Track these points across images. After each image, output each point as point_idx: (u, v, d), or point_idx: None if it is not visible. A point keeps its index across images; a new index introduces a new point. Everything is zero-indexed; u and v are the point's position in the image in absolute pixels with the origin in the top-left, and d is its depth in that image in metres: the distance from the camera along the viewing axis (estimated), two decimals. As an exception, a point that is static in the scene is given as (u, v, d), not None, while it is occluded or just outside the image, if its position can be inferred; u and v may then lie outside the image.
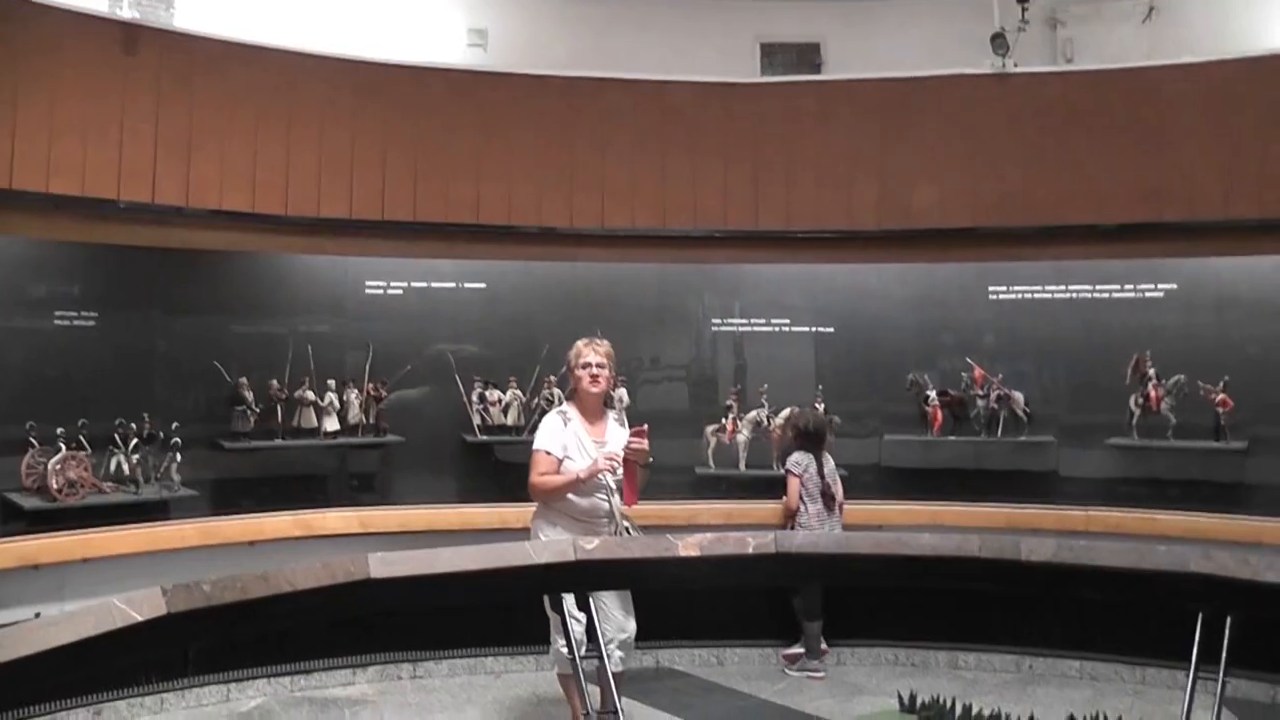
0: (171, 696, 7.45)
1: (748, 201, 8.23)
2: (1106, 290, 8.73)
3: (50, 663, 3.03)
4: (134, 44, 7.00)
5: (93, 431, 7.47)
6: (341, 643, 7.97)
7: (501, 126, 8.05)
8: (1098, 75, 8.16)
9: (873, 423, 9.09)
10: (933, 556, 4.21)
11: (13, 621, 3.58)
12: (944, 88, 8.23)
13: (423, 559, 3.84)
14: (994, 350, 8.94)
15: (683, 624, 8.35)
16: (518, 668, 8.26)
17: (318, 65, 7.68)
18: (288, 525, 7.95)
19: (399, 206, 7.81)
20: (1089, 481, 8.71)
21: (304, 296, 8.62)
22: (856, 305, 9.19)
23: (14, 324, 7.46)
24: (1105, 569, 4.04)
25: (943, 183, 8.16)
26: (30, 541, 7.11)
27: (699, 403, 9.20)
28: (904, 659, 8.47)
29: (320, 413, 8.27)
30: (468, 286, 8.88)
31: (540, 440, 6.37)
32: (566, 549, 4.14)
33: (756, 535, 4.28)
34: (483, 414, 8.63)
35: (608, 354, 6.53)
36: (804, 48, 9.98)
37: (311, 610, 3.89)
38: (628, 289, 9.07)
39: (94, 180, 6.84)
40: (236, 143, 7.36)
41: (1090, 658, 8.14)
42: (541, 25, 9.65)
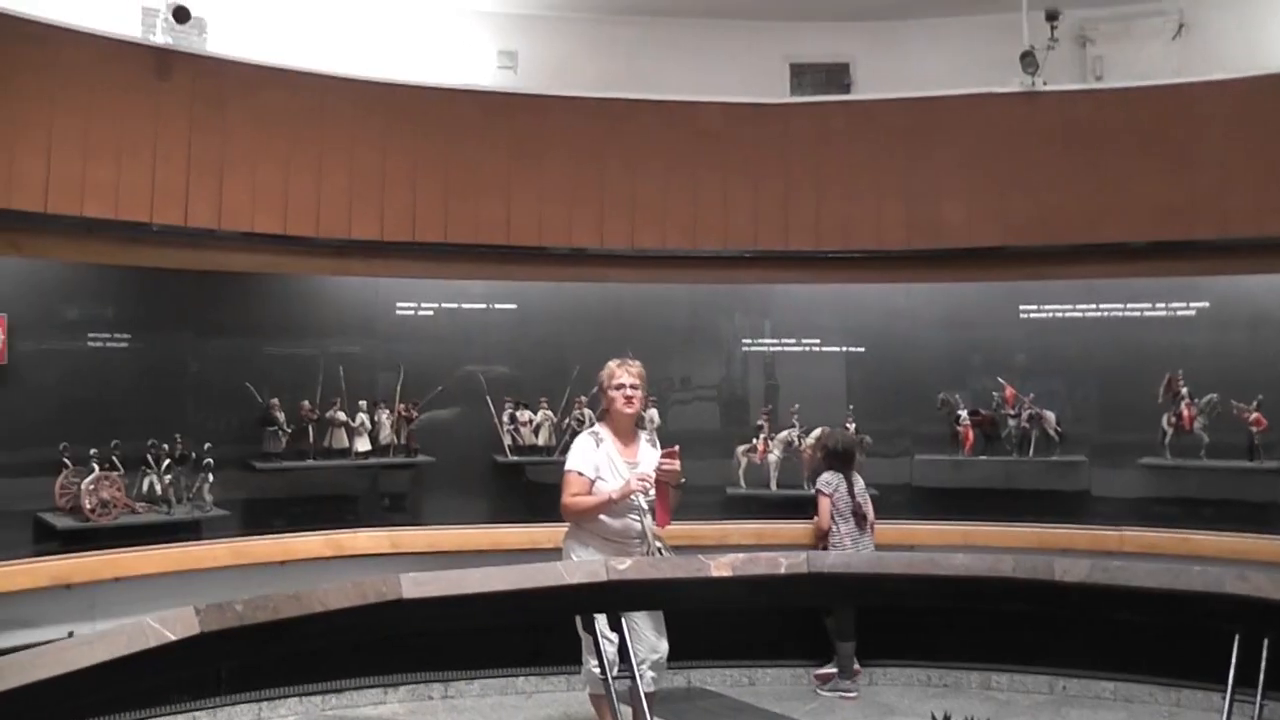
0: (203, 715, 7.48)
1: (778, 221, 8.21)
2: (1138, 309, 8.70)
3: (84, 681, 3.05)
4: (167, 69, 7.05)
5: (125, 452, 7.52)
6: (373, 662, 7.99)
7: (532, 148, 8.06)
8: (1128, 93, 8.12)
9: (904, 442, 9.06)
10: (966, 577, 4.19)
11: (46, 640, 3.60)
12: (973, 106, 8.21)
13: (454, 579, 3.84)
14: (1025, 369, 8.91)
15: (714, 644, 8.34)
16: (549, 688, 8.25)
17: (349, 88, 7.71)
18: (318, 545, 7.97)
19: (430, 228, 7.83)
20: (1122, 501, 8.67)
21: (335, 318, 8.66)
22: (887, 325, 9.17)
23: (48, 346, 7.50)
24: (1140, 590, 4.02)
25: (972, 201, 8.13)
26: (63, 561, 7.15)
27: (730, 423, 9.20)
28: (936, 679, 8.44)
29: (351, 433, 8.30)
30: (498, 307, 8.91)
31: (573, 461, 6.37)
32: (599, 569, 4.14)
33: (789, 555, 4.27)
34: (513, 434, 8.64)
35: (640, 375, 6.53)
36: (833, 68, 9.98)
37: (343, 630, 3.90)
38: (658, 309, 9.07)
39: (127, 203, 6.87)
40: (268, 165, 7.39)
41: (1124, 679, 8.08)
42: (571, 47, 9.67)
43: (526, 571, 4.04)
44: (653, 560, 5.75)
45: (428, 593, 3.72)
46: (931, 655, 8.46)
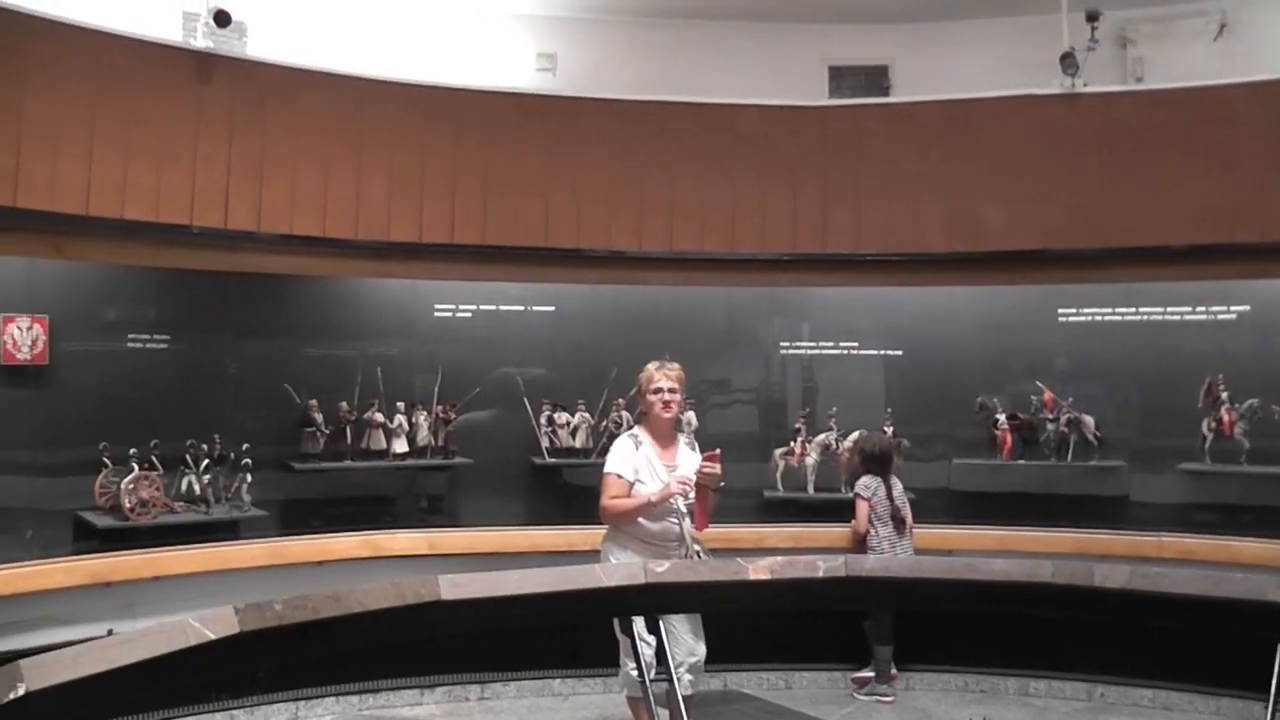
0: (241, 714, 7.52)
1: (816, 224, 8.19)
2: (1178, 312, 8.64)
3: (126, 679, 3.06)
4: (207, 73, 7.09)
5: (164, 452, 7.58)
6: (409, 663, 8.02)
7: (570, 150, 8.06)
8: (1168, 94, 8.05)
9: (941, 446, 9.03)
10: (1005, 582, 4.17)
11: (85, 638, 3.62)
12: (1013, 108, 8.16)
13: (492, 581, 3.84)
14: (1064, 373, 8.87)
15: (750, 647, 8.33)
16: (585, 690, 8.26)
17: (388, 90, 7.73)
18: (356, 546, 7.99)
19: (468, 230, 7.84)
20: (1161, 507, 8.60)
21: (373, 319, 8.70)
22: (925, 328, 9.14)
23: (89, 346, 7.56)
24: (1180, 597, 3.99)
25: (1011, 204, 8.08)
26: (103, 560, 7.22)
27: (767, 426, 9.19)
28: (973, 685, 8.40)
29: (389, 434, 8.33)
30: (536, 309, 8.92)
31: (612, 463, 6.37)
32: (636, 572, 4.13)
33: (827, 559, 4.26)
34: (551, 436, 8.66)
35: (679, 378, 6.53)
36: (872, 70, 9.95)
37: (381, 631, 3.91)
38: (696, 312, 9.07)
39: (168, 206, 6.91)
40: (307, 168, 7.42)
41: (1164, 687, 8.03)
42: (610, 49, 9.67)
43: (564, 573, 4.04)
44: (691, 563, 5.74)
45: (466, 594, 3.72)
46: (969, 660, 8.43)
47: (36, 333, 7.10)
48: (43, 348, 7.12)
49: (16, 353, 7.02)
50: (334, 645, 4.36)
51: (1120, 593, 4.04)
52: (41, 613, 6.92)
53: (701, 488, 6.26)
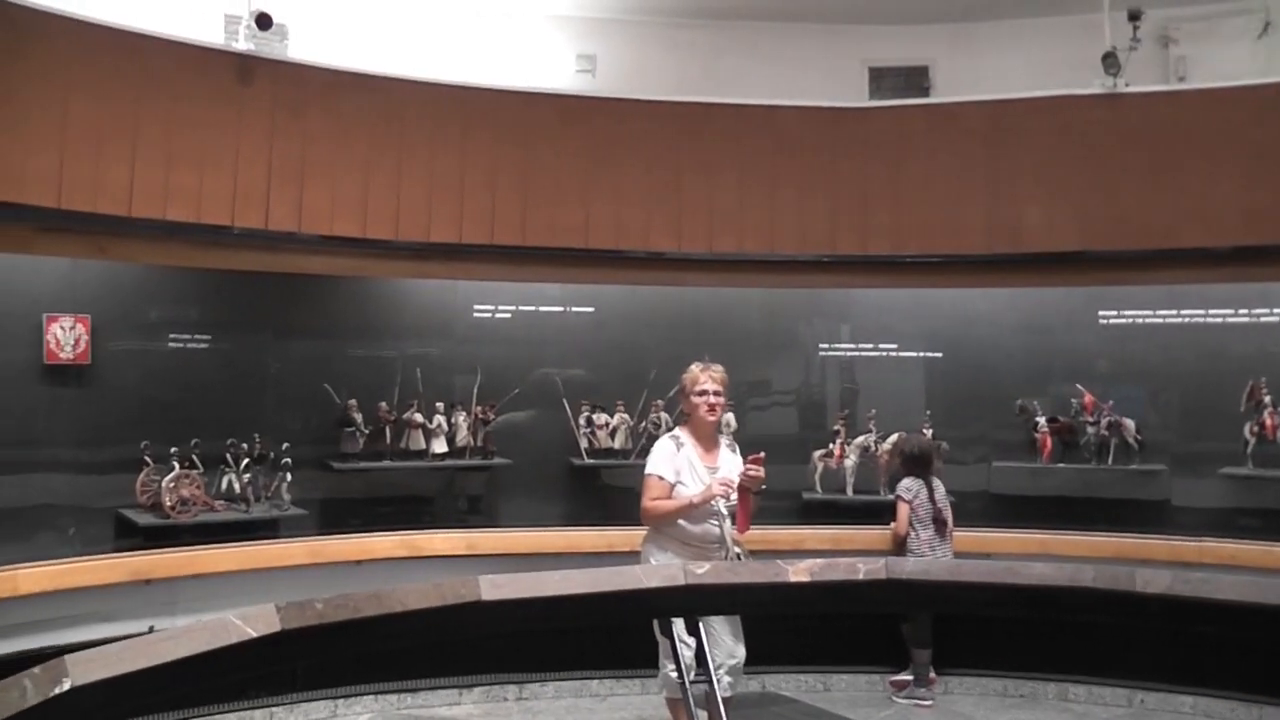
0: (280, 710, 7.56)
1: (856, 226, 8.18)
2: (1220, 314, 8.57)
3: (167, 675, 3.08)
4: (249, 75, 7.13)
5: (205, 451, 7.64)
6: (448, 662, 8.04)
7: (610, 151, 8.07)
8: (1211, 94, 7.99)
9: (981, 449, 9.00)
10: (1045, 586, 4.14)
11: (126, 634, 3.65)
12: (1054, 109, 8.13)
13: (532, 582, 3.85)
14: (1104, 376, 8.81)
15: (788, 649, 8.31)
16: (623, 690, 8.26)
17: (428, 92, 7.75)
18: (394, 545, 8.02)
19: (508, 231, 7.85)
20: (1202, 511, 8.53)
21: (413, 320, 8.73)
22: (964, 330, 9.11)
23: (131, 346, 7.62)
24: (1224, 603, 3.96)
25: (1052, 205, 8.05)
26: (144, 557, 7.28)
27: (806, 427, 9.17)
28: (1013, 690, 8.36)
29: (428, 435, 8.35)
30: (575, 310, 8.94)
31: (653, 465, 6.35)
32: (676, 573, 4.12)
33: (867, 561, 4.24)
34: (589, 437, 8.66)
35: (724, 381, 6.50)
36: (912, 71, 9.92)
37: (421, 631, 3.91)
38: (735, 313, 9.07)
39: (209, 208, 6.95)
40: (348, 169, 7.45)
41: (1205, 694, 7.95)
42: (649, 51, 9.67)
43: (604, 574, 4.04)
44: (730, 565, 5.74)
45: (506, 595, 3.72)
46: (1008, 665, 8.38)
47: (79, 332, 7.15)
48: (85, 347, 7.18)
49: (59, 352, 7.08)
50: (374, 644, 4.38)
51: (1162, 598, 4.00)
52: (83, 609, 6.98)
53: (744, 490, 6.24)
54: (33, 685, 2.71)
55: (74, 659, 2.86)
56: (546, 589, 3.85)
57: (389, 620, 3.53)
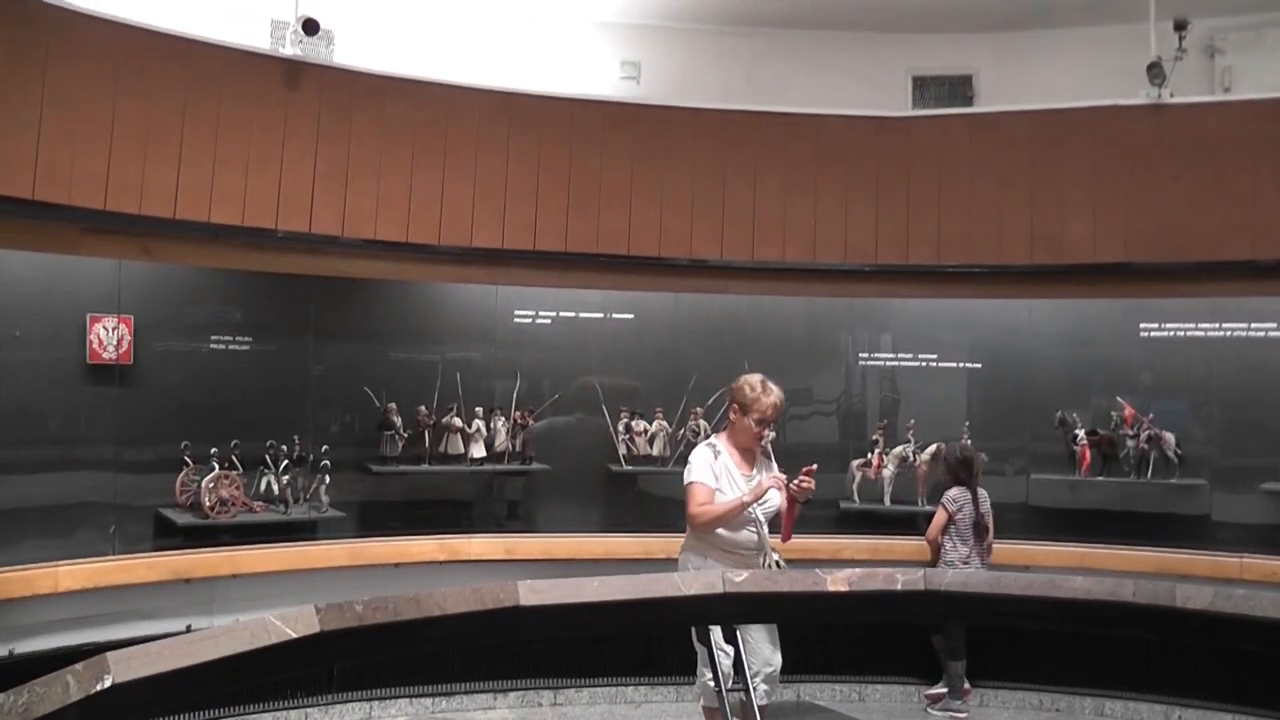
0: (315, 712, 7.60)
1: (898, 235, 8.16)
2: (1263, 328, 8.50)
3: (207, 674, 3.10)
4: (295, 80, 7.17)
5: (244, 452, 7.71)
6: (484, 667, 8.06)
7: (653, 158, 8.08)
8: (1257, 105, 7.92)
9: (1020, 461, 8.96)
10: (1085, 600, 4.12)
11: (165, 633, 3.68)
12: (1098, 119, 8.08)
13: (571, 588, 3.85)
14: (1145, 389, 8.76)
15: (824, 659, 8.31)
16: (658, 698, 8.27)
17: (473, 97, 7.77)
18: (432, 549, 8.06)
19: (550, 237, 7.87)
20: (1243, 527, 8.46)
21: (454, 324, 8.77)
22: (1005, 341, 9.08)
23: (173, 347, 7.67)
24: (1266, 620, 3.93)
25: (1096, 216, 8.00)
26: (182, 556, 7.35)
27: (845, 437, 9.15)
28: (1048, 704, 8.32)
29: (467, 439, 8.37)
30: (616, 317, 8.96)
31: (695, 473, 6.31)
32: (715, 581, 4.12)
33: (905, 572, 4.23)
34: (628, 444, 8.67)
35: (781, 407, 6.48)
36: (956, 80, 9.92)
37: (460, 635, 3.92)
38: (776, 321, 9.05)
39: (253, 211, 6.99)
40: (392, 174, 7.48)
41: (1244, 712, 7.87)
42: (693, 58, 9.70)
43: (643, 581, 4.04)
44: (769, 573, 5.73)
45: (545, 600, 3.73)
46: (1045, 679, 8.34)
47: (122, 332, 7.21)
48: (128, 347, 7.23)
49: (102, 352, 7.14)
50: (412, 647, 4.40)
51: (1203, 614, 3.98)
52: (123, 606, 7.05)
53: (792, 500, 6.24)
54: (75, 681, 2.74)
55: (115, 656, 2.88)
56: (585, 595, 3.85)
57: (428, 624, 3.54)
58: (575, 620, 4.00)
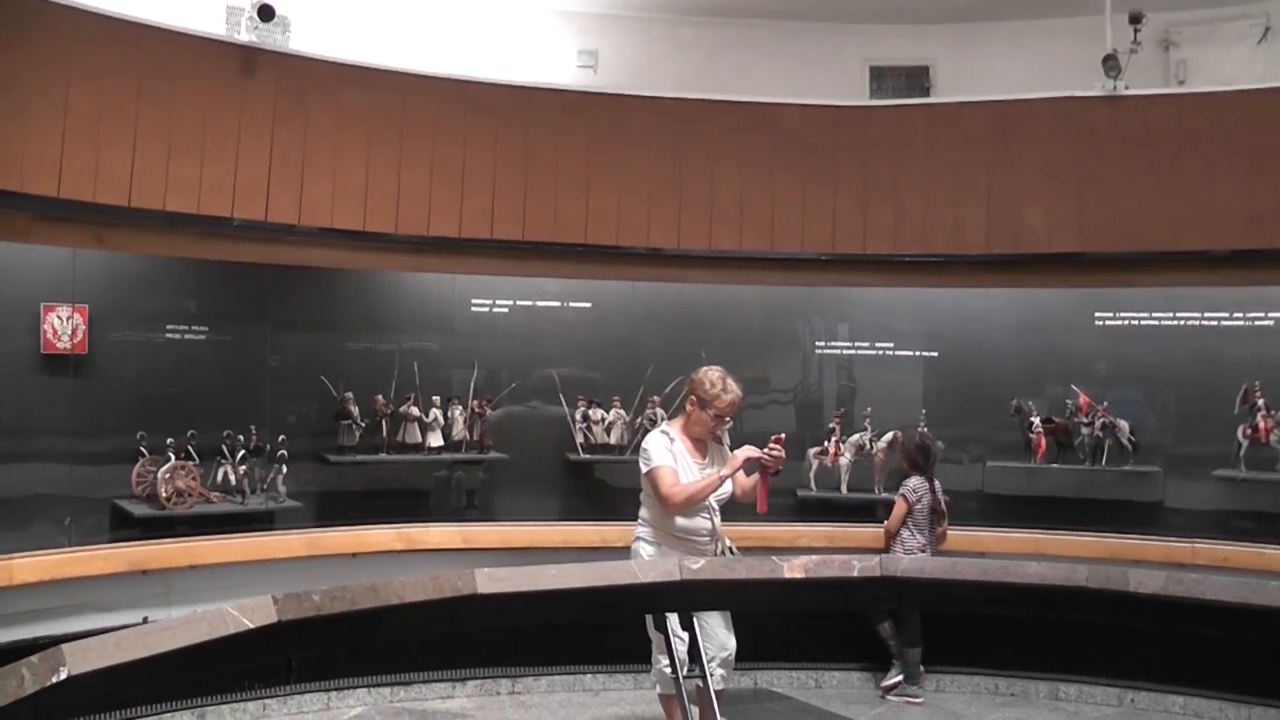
0: (273, 703, 7.57)
1: (856, 225, 8.18)
2: (1216, 318, 8.58)
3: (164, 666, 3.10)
4: (251, 67, 7.12)
5: (201, 443, 7.65)
6: (441, 656, 8.05)
7: (611, 147, 8.07)
8: (1211, 98, 8.00)
9: (976, 449, 9.01)
10: (1040, 586, 4.17)
11: (122, 625, 3.66)
12: (1054, 110, 8.13)
13: (529, 576, 3.87)
14: (1100, 377, 8.83)
15: (781, 646, 8.34)
16: (616, 686, 8.29)
17: (430, 85, 7.74)
18: (390, 539, 8.05)
19: (508, 225, 7.85)
20: (1195, 513, 8.55)
21: (411, 314, 8.75)
22: (962, 330, 9.13)
23: (127, 337, 7.62)
24: (1216, 604, 3.98)
25: (1051, 207, 8.05)
26: (139, 548, 7.29)
27: (802, 425, 9.17)
28: (1004, 688, 8.38)
29: (424, 428, 8.36)
30: (573, 306, 8.95)
31: (658, 458, 6.33)
32: (672, 569, 4.15)
33: (861, 559, 4.27)
34: (586, 433, 8.67)
35: (739, 404, 6.53)
36: (913, 71, 9.96)
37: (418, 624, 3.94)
38: (733, 310, 9.07)
39: (209, 199, 6.95)
40: (349, 162, 7.45)
41: (1195, 694, 7.98)
42: (651, 47, 9.70)
43: (601, 569, 4.06)
44: (726, 560, 5.76)
45: (502, 589, 3.74)
46: (1000, 664, 8.41)
47: (76, 322, 7.16)
48: (82, 337, 7.18)
49: (56, 341, 7.09)
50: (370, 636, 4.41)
51: (1155, 598, 4.04)
52: (79, 599, 7.00)
53: (765, 470, 6.28)
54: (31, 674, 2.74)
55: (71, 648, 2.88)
56: (543, 583, 3.87)
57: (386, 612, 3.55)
58: (533, 608, 4.01)
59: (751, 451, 6.24)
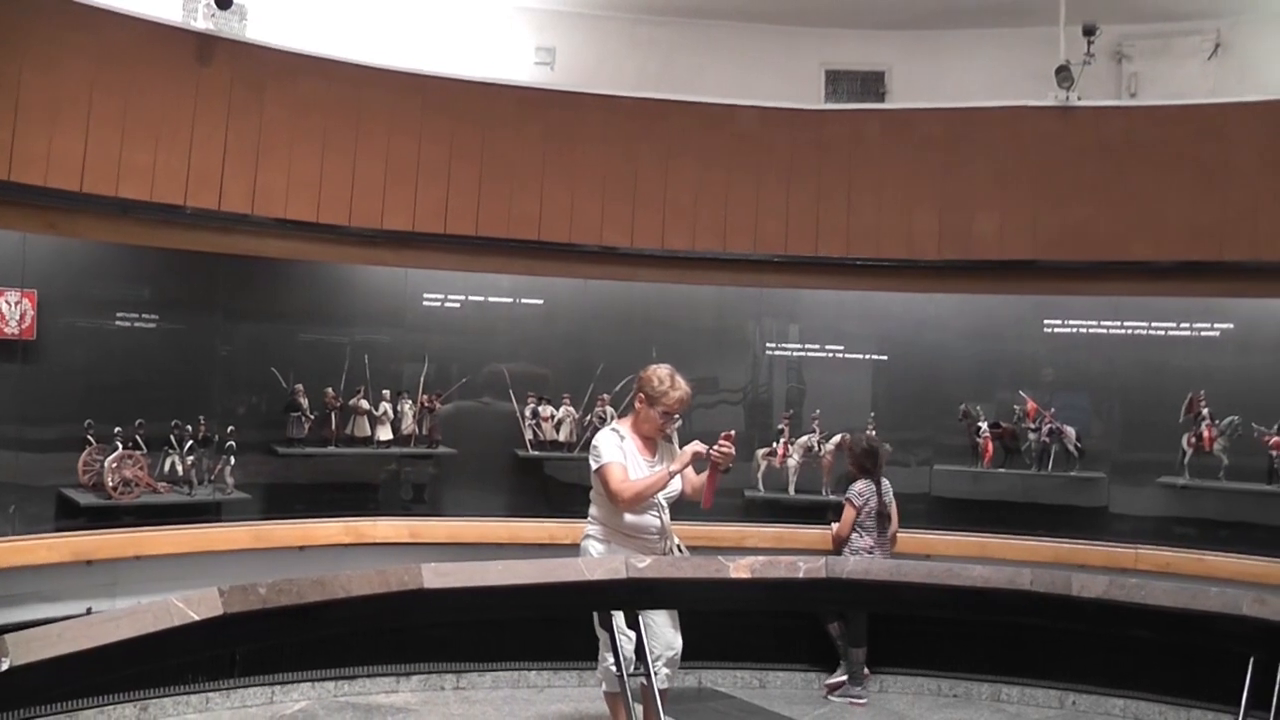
0: (217, 696, 7.53)
1: (808, 227, 8.21)
2: (1163, 327, 8.67)
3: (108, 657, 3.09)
4: (207, 54, 7.08)
5: (149, 432, 7.58)
6: (386, 650, 8.03)
7: (566, 144, 8.07)
8: (1162, 111, 8.09)
9: (924, 452, 9.07)
10: (985, 588, 4.22)
11: (65, 616, 3.65)
12: (1007, 119, 8.19)
13: (476, 571, 3.88)
14: (1048, 384, 8.90)
15: (726, 645, 8.37)
16: (561, 683, 8.30)
17: (387, 79, 7.72)
18: (338, 532, 8.02)
19: (462, 220, 7.84)
20: (1139, 519, 8.65)
21: (363, 306, 8.71)
22: (911, 334, 9.18)
23: (77, 323, 7.56)
24: (1157, 608, 4.04)
25: (1003, 214, 8.10)
26: (85, 537, 7.21)
27: (751, 426, 9.20)
28: (946, 690, 8.45)
29: (374, 422, 8.34)
30: (525, 302, 8.95)
31: (607, 454, 6.32)
32: (619, 567, 4.17)
33: (807, 560, 4.31)
34: (535, 429, 8.68)
35: (689, 401, 6.55)
36: (869, 76, 10.01)
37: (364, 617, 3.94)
38: (685, 310, 9.10)
39: (163, 186, 6.90)
40: (304, 153, 7.41)
41: (1135, 697, 8.08)
42: (609, 46, 9.71)
43: (548, 566, 4.08)
44: (673, 559, 5.78)
45: (449, 583, 3.75)
46: (943, 665, 8.48)
47: (25, 307, 7.09)
48: (31, 322, 7.11)
49: (4, 326, 7.01)
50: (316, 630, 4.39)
51: (1097, 602, 4.09)
52: (22, 588, 6.93)
53: (714, 466, 6.30)
54: (-29, 663, 2.72)
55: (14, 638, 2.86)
56: (489, 578, 3.88)
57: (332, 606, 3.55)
58: (479, 603, 4.03)
59: (700, 447, 6.25)
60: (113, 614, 3.16)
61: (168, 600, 3.21)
